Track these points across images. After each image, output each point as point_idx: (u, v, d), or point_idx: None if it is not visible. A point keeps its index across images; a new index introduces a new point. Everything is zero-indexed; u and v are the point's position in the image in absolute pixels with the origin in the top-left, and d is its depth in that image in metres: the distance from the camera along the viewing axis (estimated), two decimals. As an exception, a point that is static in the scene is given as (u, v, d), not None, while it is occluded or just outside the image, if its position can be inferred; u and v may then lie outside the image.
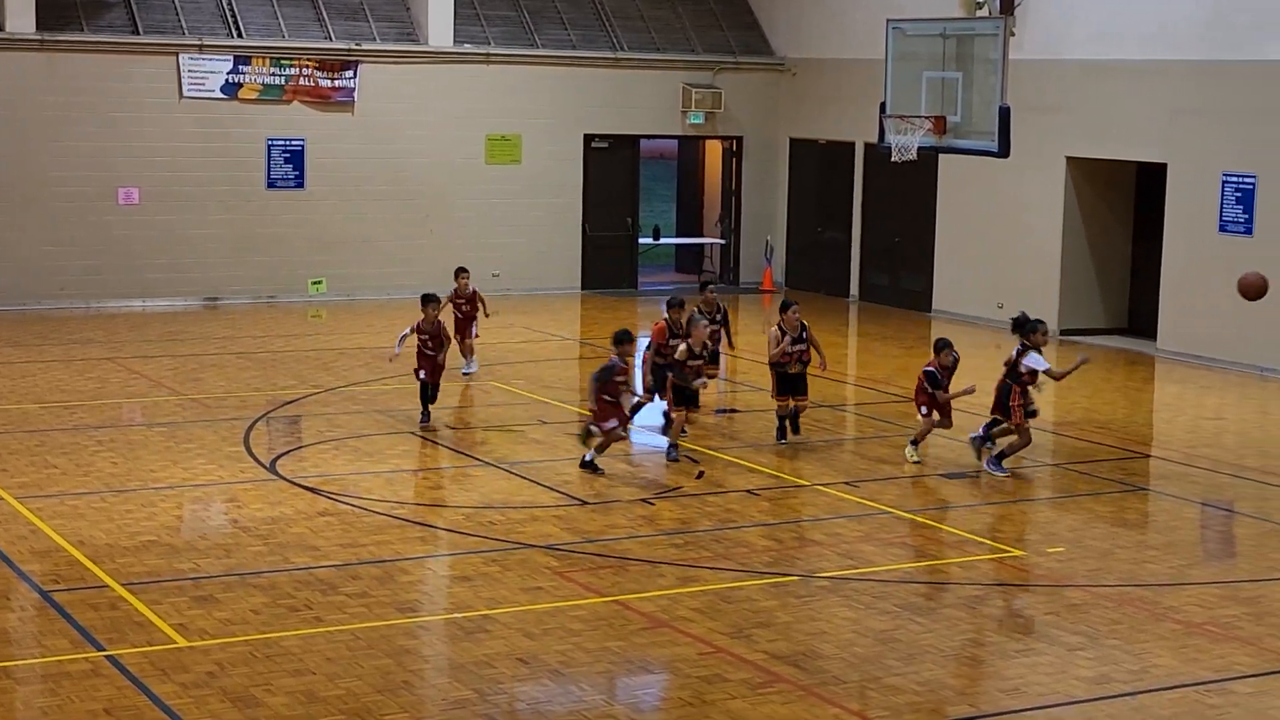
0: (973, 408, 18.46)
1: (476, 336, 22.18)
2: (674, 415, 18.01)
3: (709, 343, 18.61)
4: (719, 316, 20.08)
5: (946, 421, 17.82)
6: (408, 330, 19.40)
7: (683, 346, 17.81)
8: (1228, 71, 24.22)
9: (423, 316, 19.38)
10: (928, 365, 17.85)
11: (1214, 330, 24.55)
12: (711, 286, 20.28)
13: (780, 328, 18.45)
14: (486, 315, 22.28)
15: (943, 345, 17.86)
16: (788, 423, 18.69)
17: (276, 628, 12.06)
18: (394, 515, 15.25)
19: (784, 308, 18.64)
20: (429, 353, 19.22)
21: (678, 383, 17.75)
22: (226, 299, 28.55)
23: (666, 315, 19.03)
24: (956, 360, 17.87)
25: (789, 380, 18.56)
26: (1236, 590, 13.64)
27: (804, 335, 18.55)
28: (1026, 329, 17.47)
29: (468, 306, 22.03)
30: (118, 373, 22.02)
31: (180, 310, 27.85)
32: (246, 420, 19.14)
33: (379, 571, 13.55)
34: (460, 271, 22.28)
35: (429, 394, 19.29)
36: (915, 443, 17.91)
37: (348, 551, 14.05)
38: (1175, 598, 13.39)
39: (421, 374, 19.25)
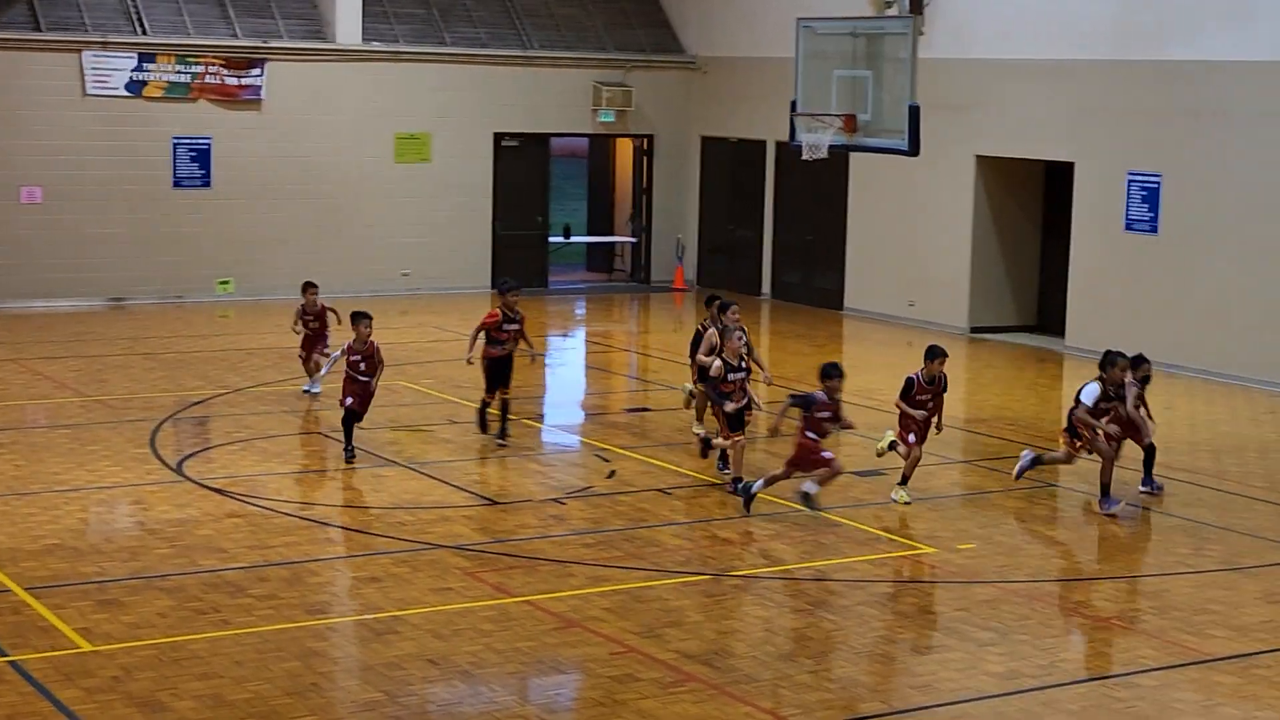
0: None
1: (325, 354, 20.21)
2: (727, 444, 16.31)
3: (745, 358, 16.73)
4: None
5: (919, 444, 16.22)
6: (338, 352, 17.84)
7: (717, 363, 16.10)
8: (1133, 71, 24.46)
9: (354, 336, 17.67)
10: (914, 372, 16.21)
11: (1121, 327, 24.76)
12: (735, 307, 17.36)
13: (723, 359, 16.62)
14: (339, 324, 20.33)
15: (937, 353, 16.16)
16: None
17: (183, 631, 11.91)
18: (303, 516, 15.11)
19: (723, 309, 17.26)
20: (360, 378, 17.42)
21: (717, 405, 16.14)
22: (132, 299, 28.23)
23: (709, 315, 17.62)
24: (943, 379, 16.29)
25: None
26: (1142, 585, 13.76)
27: (743, 366, 16.76)
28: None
29: (316, 324, 20.78)
30: (20, 374, 21.71)
31: (85, 311, 27.51)
32: (153, 421, 18.92)
33: (287, 573, 13.42)
34: (308, 286, 21.11)
35: (352, 423, 17.35)
36: (905, 481, 16.19)
37: (256, 553, 13.91)
38: (1083, 593, 13.48)
39: (348, 400, 17.32)
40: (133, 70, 27.78)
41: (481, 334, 18.10)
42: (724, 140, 32.00)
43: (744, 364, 16.47)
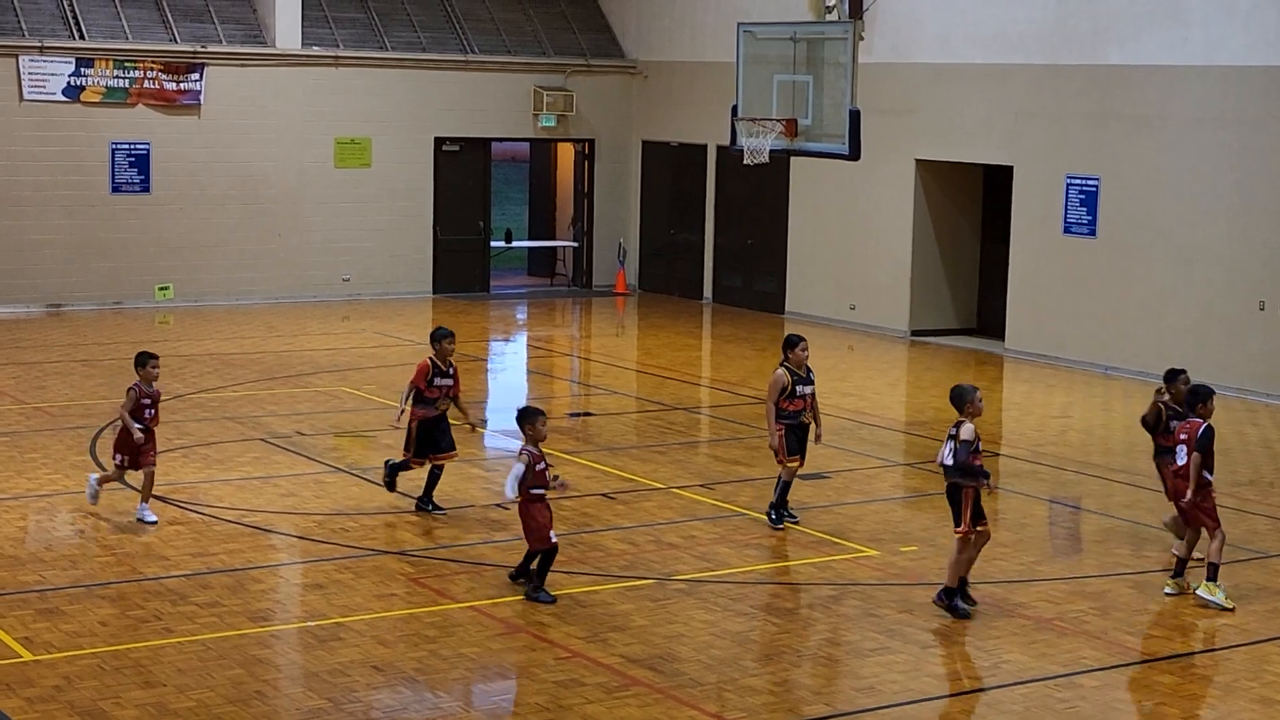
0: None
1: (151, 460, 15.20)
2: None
3: (809, 403, 15.40)
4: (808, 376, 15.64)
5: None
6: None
7: (968, 425, 13.31)
8: (1070, 76, 24.65)
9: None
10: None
11: (1060, 330, 24.97)
12: (804, 344, 15.50)
13: (787, 368, 15.31)
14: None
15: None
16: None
17: (125, 639, 11.84)
18: (245, 523, 15.04)
19: (791, 344, 15.42)
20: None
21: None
22: (70, 305, 28.02)
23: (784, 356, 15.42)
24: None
25: (800, 433, 15.38)
26: (1083, 586, 13.86)
27: (810, 377, 15.50)
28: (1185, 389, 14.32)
29: (154, 410, 15.22)
30: (-42, 381, 21.54)
31: (22, 317, 27.29)
32: (93, 429, 18.79)
33: (230, 580, 13.36)
34: (145, 359, 15.15)
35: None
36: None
37: (198, 560, 13.84)
38: (1024, 594, 13.57)
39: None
40: (70, 75, 27.59)
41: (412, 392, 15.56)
42: (665, 144, 32.05)
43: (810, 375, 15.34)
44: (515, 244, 34.02)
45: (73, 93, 27.66)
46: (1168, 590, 13.55)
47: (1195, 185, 23.19)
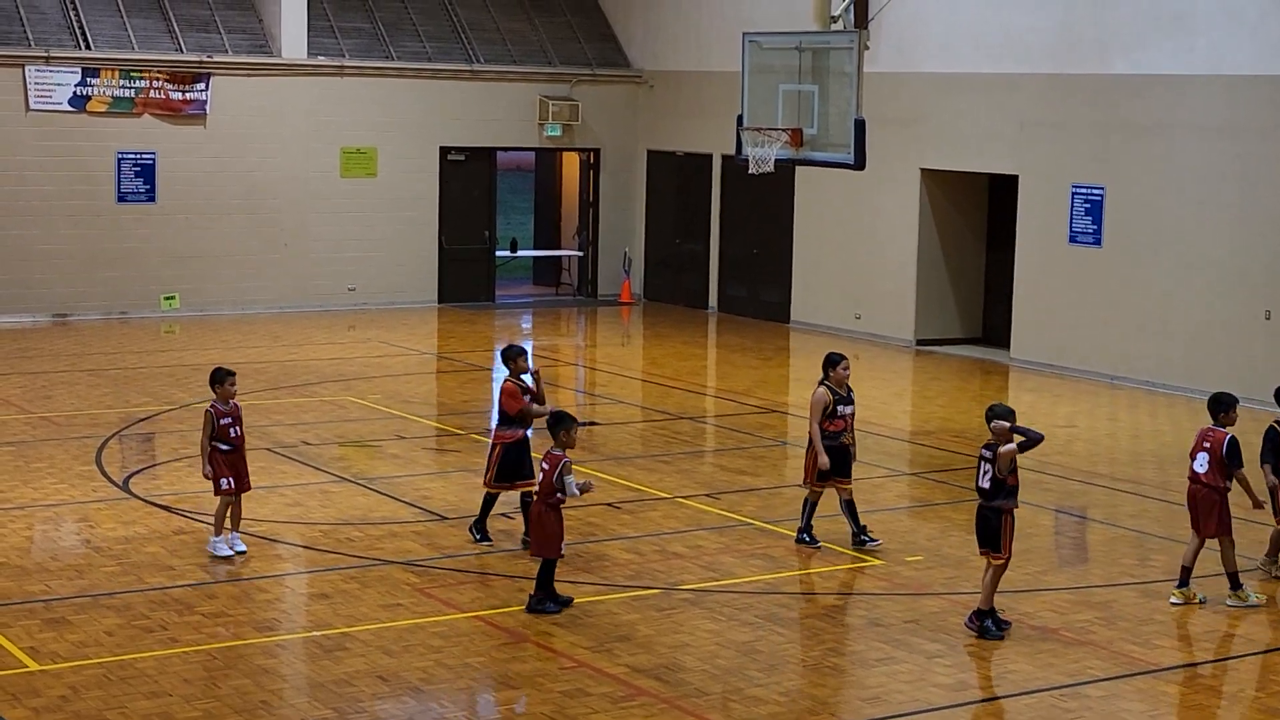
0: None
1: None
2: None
3: (849, 425, 15.01)
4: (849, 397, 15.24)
5: None
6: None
7: (1011, 445, 12.73)
8: (1076, 85, 24.65)
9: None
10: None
11: (1065, 339, 24.96)
12: (845, 363, 15.17)
13: (828, 387, 14.98)
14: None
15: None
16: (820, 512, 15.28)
17: (131, 649, 11.84)
18: (251, 533, 15.04)
19: (832, 362, 15.05)
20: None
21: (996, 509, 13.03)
22: (77, 315, 28.05)
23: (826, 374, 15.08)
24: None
25: (839, 455, 14.99)
26: (1089, 595, 13.85)
27: (851, 397, 15.16)
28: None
29: (239, 428, 14.70)
30: (-36, 391, 21.57)
31: (29, 327, 27.32)
32: (98, 438, 18.81)
33: (236, 590, 13.37)
34: (221, 376, 14.69)
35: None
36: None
37: (204, 570, 13.85)
38: (1030, 604, 13.56)
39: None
40: (76, 85, 27.63)
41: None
42: (670, 154, 32.06)
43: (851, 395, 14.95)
44: (520, 253, 34.05)
45: (79, 102, 27.70)
46: (1173, 600, 13.56)
47: (1201, 195, 23.18)
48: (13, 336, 26.27)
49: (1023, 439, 12.67)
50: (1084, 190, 24.60)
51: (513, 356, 15.05)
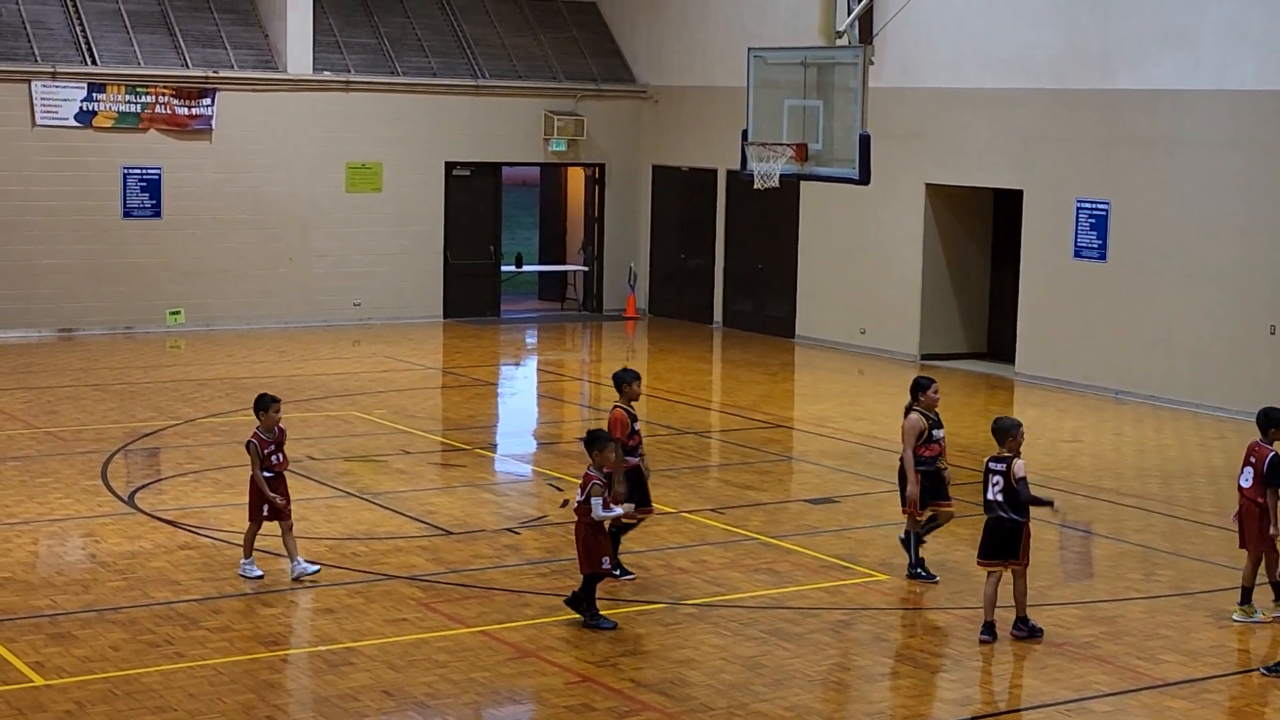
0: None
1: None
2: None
3: (944, 449, 14.53)
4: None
5: None
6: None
7: (1020, 462, 13.04)
8: (1081, 100, 24.67)
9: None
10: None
11: (1070, 354, 24.96)
12: (935, 386, 14.80)
13: (920, 412, 14.57)
14: None
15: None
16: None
17: (136, 664, 11.85)
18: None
19: (922, 386, 14.71)
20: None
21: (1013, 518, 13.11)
22: (82, 330, 28.09)
23: (913, 399, 14.72)
24: None
25: (935, 480, 14.60)
26: (1094, 610, 13.84)
27: (940, 420, 14.78)
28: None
29: (282, 454, 14.49)
30: (-30, 406, 21.59)
31: (34, 342, 27.35)
32: (104, 453, 18.82)
33: (241, 605, 13.37)
34: (267, 402, 14.38)
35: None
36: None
37: (209, 585, 13.86)
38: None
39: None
40: (82, 100, 27.69)
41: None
42: (675, 169, 32.10)
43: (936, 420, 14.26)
44: (526, 268, 34.08)
45: (85, 118, 27.75)
46: (1236, 618, 13.51)
47: (1206, 209, 23.19)
48: (18, 351, 26.30)
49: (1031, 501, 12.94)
50: (1089, 205, 24.61)
51: (627, 381, 14.55)
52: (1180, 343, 23.56)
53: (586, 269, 33.26)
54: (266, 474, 14.09)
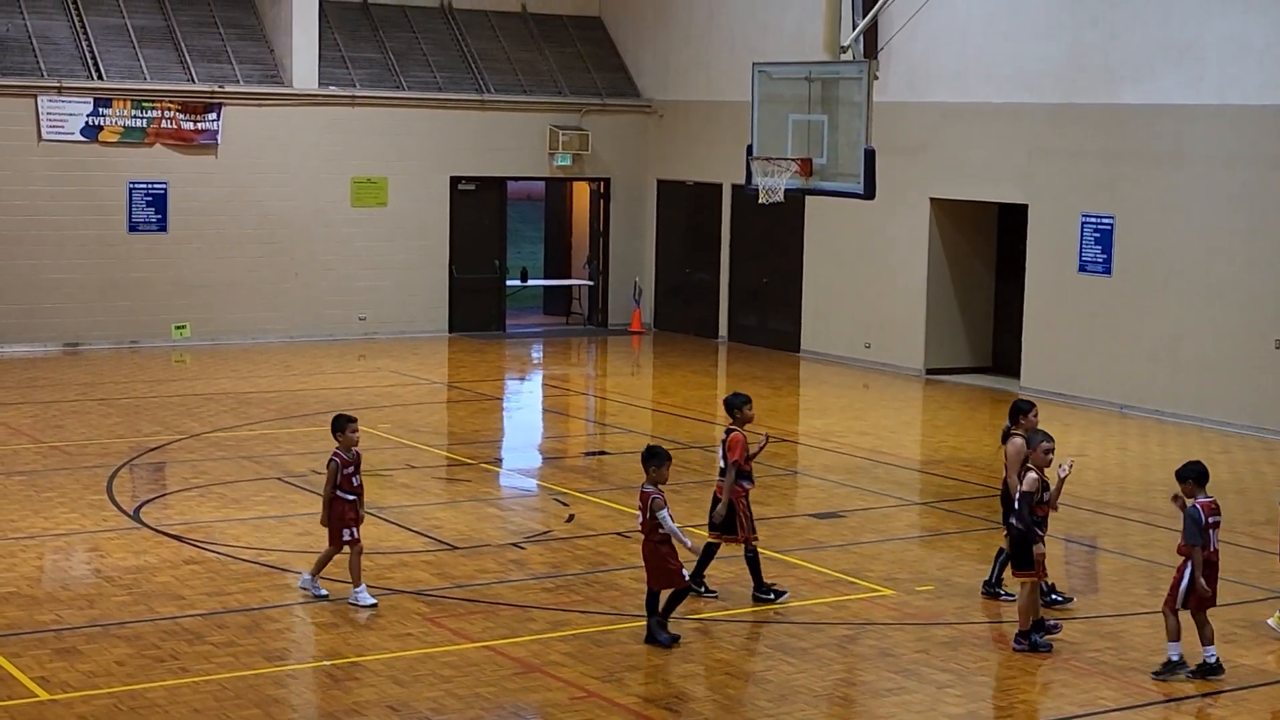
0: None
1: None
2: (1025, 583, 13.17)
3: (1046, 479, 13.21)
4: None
5: None
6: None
7: (1031, 475, 12.95)
8: (1085, 114, 24.68)
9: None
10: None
11: (1075, 368, 24.95)
12: (1035, 410, 14.37)
13: (1022, 437, 13.94)
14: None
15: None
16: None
17: (142, 679, 11.85)
18: (261, 562, 15.06)
19: (1023, 410, 14.34)
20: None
21: (1019, 529, 13.01)
22: (88, 344, 28.11)
23: (1010, 424, 14.31)
24: None
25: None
26: (1099, 625, 13.82)
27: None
28: None
29: (359, 476, 14.28)
30: (-24, 420, 21.60)
31: (40, 356, 27.38)
32: (109, 468, 18.83)
33: (246, 620, 13.37)
34: (344, 422, 14.19)
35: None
36: None
37: (214, 600, 13.86)
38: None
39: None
40: (88, 115, 27.74)
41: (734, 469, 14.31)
42: (680, 183, 32.12)
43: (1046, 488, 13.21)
44: (531, 283, 34.10)
45: (91, 132, 27.80)
46: (1270, 621, 13.56)
47: (1210, 224, 23.20)
48: (24, 366, 26.33)
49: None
50: (1093, 219, 24.62)
51: (738, 405, 14.53)
52: (1185, 357, 23.55)
53: (591, 283, 33.28)
54: (351, 497, 13.89)
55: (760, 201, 20.76)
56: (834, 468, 20.03)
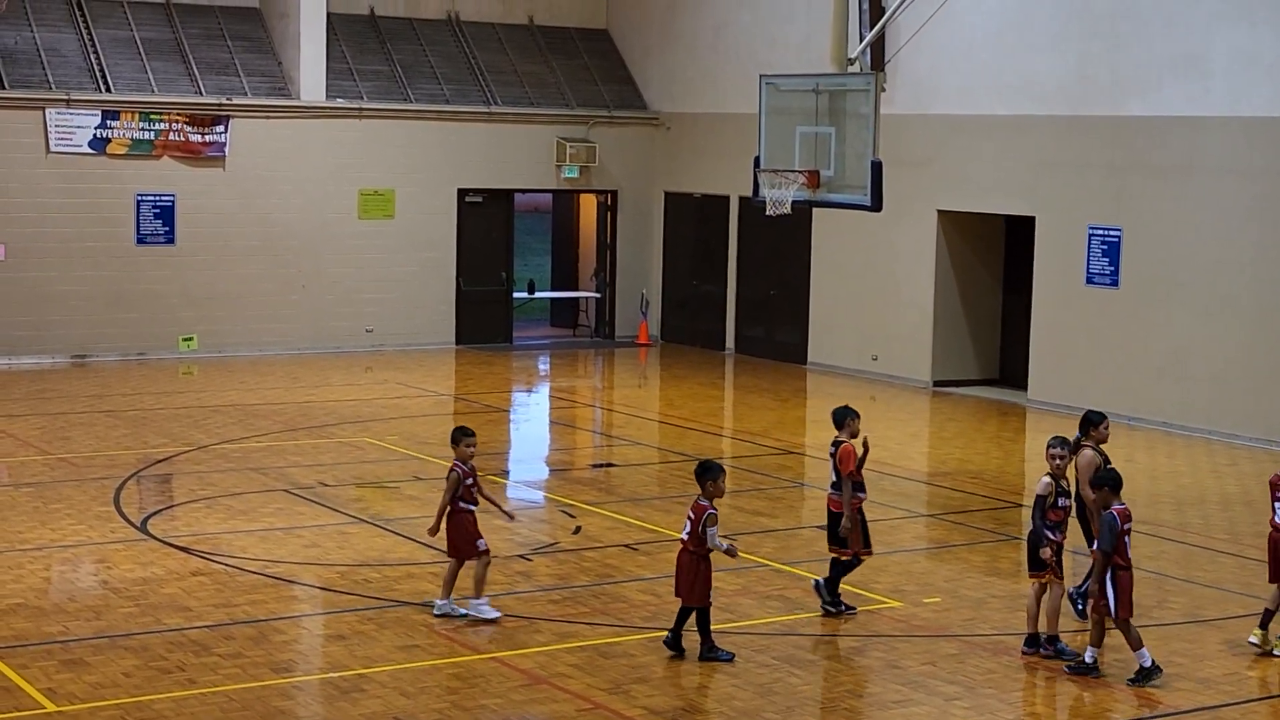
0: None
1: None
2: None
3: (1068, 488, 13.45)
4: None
5: None
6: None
7: (1045, 479, 13.24)
8: (1092, 126, 24.68)
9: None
10: None
11: (1083, 381, 24.92)
12: (1107, 422, 14.48)
13: (1095, 449, 14.20)
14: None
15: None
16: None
17: (148, 690, 11.85)
18: (268, 574, 15.06)
19: (1094, 421, 14.35)
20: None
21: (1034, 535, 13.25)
22: (95, 356, 28.14)
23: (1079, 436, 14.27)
24: None
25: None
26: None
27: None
28: None
29: (478, 487, 14.23)
30: (-17, 432, 21.63)
31: (47, 368, 27.41)
32: (117, 479, 18.85)
33: (253, 631, 13.37)
34: (460, 435, 14.20)
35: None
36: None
37: (221, 611, 13.86)
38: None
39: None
40: (96, 127, 27.78)
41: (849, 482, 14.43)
42: (688, 195, 32.13)
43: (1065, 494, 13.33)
44: (538, 295, 34.11)
45: (99, 145, 27.84)
46: (1251, 639, 13.52)
47: (1218, 236, 23.19)
48: (31, 377, 26.36)
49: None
50: (1101, 231, 24.61)
51: (849, 417, 14.68)
52: (1193, 369, 23.52)
53: (599, 295, 33.29)
54: (469, 506, 13.87)
55: (767, 213, 20.78)
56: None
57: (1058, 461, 13.11)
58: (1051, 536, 13.04)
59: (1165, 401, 23.84)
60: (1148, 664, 12.50)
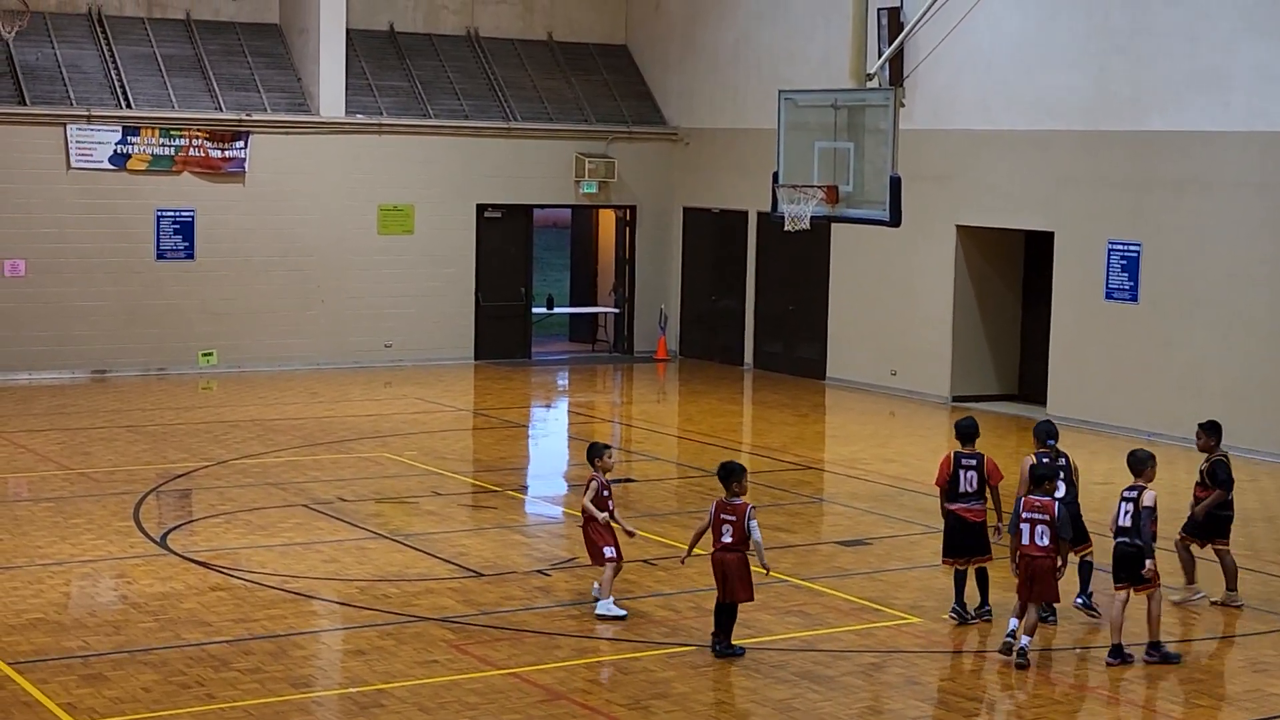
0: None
1: None
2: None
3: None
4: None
5: None
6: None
7: (1152, 493, 14.13)
8: (1111, 141, 24.66)
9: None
10: None
11: (1102, 396, 24.88)
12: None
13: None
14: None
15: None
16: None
17: (168, 706, 11.86)
18: (287, 589, 15.08)
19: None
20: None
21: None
22: (115, 371, 28.21)
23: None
24: None
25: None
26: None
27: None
28: None
29: (612, 499, 14.96)
30: (3, 447, 21.66)
31: (67, 383, 27.49)
32: (136, 494, 18.88)
33: (272, 646, 13.38)
34: (599, 450, 14.94)
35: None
36: None
37: (240, 626, 13.87)
38: (1068, 662, 13.48)
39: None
40: (117, 143, 27.87)
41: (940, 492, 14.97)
42: (706, 211, 32.14)
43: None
44: (557, 310, 34.14)
45: (119, 160, 27.93)
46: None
47: (1237, 251, 23.14)
48: (52, 393, 26.43)
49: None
50: (1120, 246, 24.57)
51: (978, 431, 15.40)
52: (1212, 385, 23.46)
53: (617, 311, 33.31)
54: (604, 514, 14.50)
55: (786, 229, 20.78)
56: (860, 495, 19.98)
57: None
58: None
59: (1184, 416, 23.69)
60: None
